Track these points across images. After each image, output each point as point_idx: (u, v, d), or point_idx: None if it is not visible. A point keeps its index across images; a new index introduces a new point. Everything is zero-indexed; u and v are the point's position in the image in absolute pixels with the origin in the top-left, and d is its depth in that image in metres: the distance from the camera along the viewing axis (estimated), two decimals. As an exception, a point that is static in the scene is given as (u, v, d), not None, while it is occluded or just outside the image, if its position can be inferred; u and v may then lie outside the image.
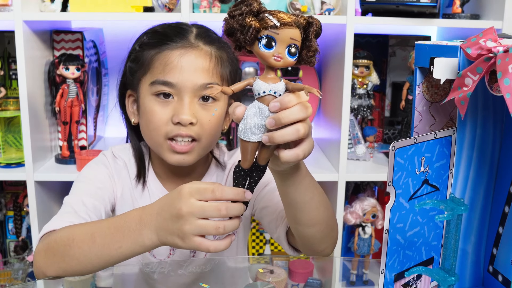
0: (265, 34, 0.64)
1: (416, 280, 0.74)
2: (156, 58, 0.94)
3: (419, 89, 0.76)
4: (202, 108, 0.94)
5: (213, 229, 0.71)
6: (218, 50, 0.96)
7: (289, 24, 0.64)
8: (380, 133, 1.86)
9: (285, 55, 0.65)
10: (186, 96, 0.92)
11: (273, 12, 0.65)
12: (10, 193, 1.77)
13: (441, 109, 0.77)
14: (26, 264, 1.65)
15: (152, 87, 0.94)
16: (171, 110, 0.93)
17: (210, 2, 1.51)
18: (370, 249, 1.56)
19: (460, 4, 1.59)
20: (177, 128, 0.92)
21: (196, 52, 0.93)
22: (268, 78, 0.67)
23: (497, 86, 0.63)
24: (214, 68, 0.94)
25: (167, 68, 0.92)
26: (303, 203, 0.83)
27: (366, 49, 1.71)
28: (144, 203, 1.02)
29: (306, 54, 0.67)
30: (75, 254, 0.80)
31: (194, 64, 0.92)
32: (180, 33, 0.95)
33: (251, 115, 0.67)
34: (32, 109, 1.47)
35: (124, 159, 1.04)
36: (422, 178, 0.70)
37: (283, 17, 0.64)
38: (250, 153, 0.69)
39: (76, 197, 0.96)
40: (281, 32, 0.64)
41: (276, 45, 0.64)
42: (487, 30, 0.65)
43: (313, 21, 0.67)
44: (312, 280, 1.22)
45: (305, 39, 0.66)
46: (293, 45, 0.65)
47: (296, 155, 0.69)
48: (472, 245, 0.78)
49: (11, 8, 1.46)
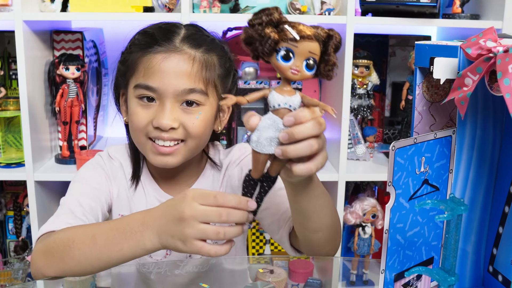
0: (284, 46, 0.63)
1: (416, 280, 0.74)
2: (140, 61, 0.93)
3: (419, 89, 0.76)
4: (185, 113, 0.92)
5: (213, 233, 0.71)
6: (205, 54, 0.93)
7: (308, 37, 0.63)
8: (380, 133, 1.86)
9: (303, 69, 0.64)
10: (168, 101, 0.91)
11: (293, 24, 0.64)
12: (10, 193, 1.77)
13: (441, 109, 0.77)
14: (26, 264, 1.65)
15: (136, 90, 0.93)
16: (152, 113, 0.92)
17: (210, 2, 1.51)
18: (370, 249, 1.56)
19: (460, 4, 1.59)
20: (157, 131, 0.92)
21: (179, 56, 0.91)
22: (284, 90, 0.66)
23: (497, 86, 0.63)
24: (198, 73, 0.92)
25: (149, 72, 0.91)
26: (312, 211, 0.83)
27: (366, 49, 1.71)
28: (140, 203, 1.02)
29: (324, 68, 0.66)
30: (75, 255, 0.80)
31: (176, 68, 0.91)
32: (167, 36, 0.93)
33: (265, 127, 0.66)
34: (32, 109, 1.47)
35: (119, 159, 1.04)
36: (422, 178, 0.70)
37: (303, 30, 0.63)
38: (261, 164, 0.69)
39: (72, 198, 0.96)
40: (300, 45, 0.63)
41: (294, 58, 0.64)
42: (487, 30, 0.65)
43: (333, 35, 0.65)
44: (312, 280, 1.22)
45: (324, 53, 0.65)
46: (312, 58, 0.64)
47: (309, 169, 0.68)
48: (472, 245, 0.78)
49: (11, 8, 1.46)
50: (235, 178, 1.04)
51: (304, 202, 0.81)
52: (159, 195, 1.03)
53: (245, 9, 1.55)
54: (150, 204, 1.02)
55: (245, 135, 1.68)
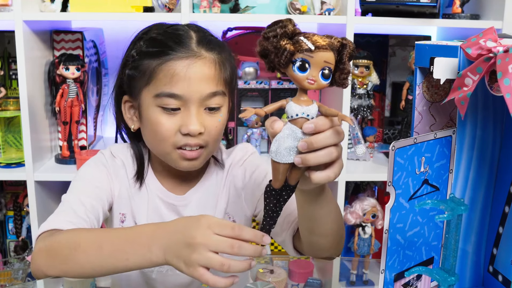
0: (299, 57, 0.64)
1: (416, 280, 0.74)
2: (160, 70, 0.91)
3: (419, 89, 0.76)
4: (209, 116, 0.93)
5: (218, 264, 0.71)
6: (219, 55, 0.94)
7: (323, 47, 0.64)
8: (380, 133, 1.86)
9: (319, 78, 0.65)
10: (193, 107, 0.91)
11: (307, 35, 0.65)
12: (10, 193, 1.77)
13: (441, 109, 0.77)
14: (26, 264, 1.65)
15: (157, 99, 0.91)
16: (179, 121, 0.91)
17: (210, 2, 1.51)
18: (370, 249, 1.56)
19: (460, 4, 1.59)
20: (185, 139, 0.92)
21: (201, 61, 0.91)
22: (301, 100, 0.67)
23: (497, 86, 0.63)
24: (218, 75, 0.93)
25: (174, 79, 0.90)
26: (320, 217, 0.84)
27: (366, 49, 1.71)
28: (142, 202, 1.02)
29: (339, 77, 0.67)
30: (79, 259, 0.80)
31: (200, 74, 0.91)
32: (180, 41, 0.92)
33: (283, 137, 0.67)
34: (32, 109, 1.47)
35: (122, 158, 1.04)
36: (422, 178, 0.70)
37: (317, 40, 0.64)
38: (282, 174, 0.69)
39: (74, 196, 0.96)
40: (316, 55, 0.64)
41: (310, 68, 0.65)
42: (487, 30, 0.65)
43: (346, 43, 0.67)
44: (312, 280, 1.22)
45: (338, 62, 0.66)
46: (327, 68, 0.65)
47: (328, 176, 0.69)
48: (472, 245, 0.78)
49: (11, 8, 1.46)
50: (239, 179, 1.04)
51: (314, 208, 0.82)
52: (162, 194, 1.02)
53: (245, 9, 1.55)
54: (152, 203, 1.02)
55: (245, 135, 1.68)
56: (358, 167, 1.62)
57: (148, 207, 1.02)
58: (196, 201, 1.03)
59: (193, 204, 1.02)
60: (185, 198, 1.02)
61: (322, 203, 0.81)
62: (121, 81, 0.99)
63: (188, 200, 1.03)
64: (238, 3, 1.57)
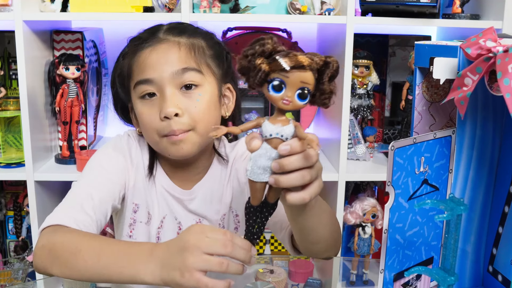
0: (275, 77, 0.62)
1: (415, 280, 0.74)
2: (133, 62, 0.96)
3: (419, 89, 0.76)
4: (185, 97, 0.94)
5: (217, 264, 0.71)
6: (189, 38, 0.96)
7: (300, 67, 0.62)
8: (380, 133, 1.86)
9: (295, 99, 0.63)
10: (167, 89, 0.93)
11: (288, 53, 0.63)
12: (10, 193, 1.77)
13: (441, 109, 0.77)
14: (26, 264, 1.65)
15: (136, 90, 0.95)
16: (157, 107, 0.94)
17: (210, 2, 1.51)
18: (370, 249, 1.55)
19: (460, 4, 1.59)
20: (168, 125, 0.92)
21: (165, 45, 0.95)
22: (277, 120, 0.66)
23: (497, 86, 0.63)
24: (187, 54, 0.95)
25: (142, 67, 0.94)
26: (310, 227, 0.84)
27: (366, 49, 1.71)
28: (151, 194, 1.03)
29: (320, 97, 0.65)
30: (78, 265, 0.80)
31: (165, 56, 0.94)
32: (152, 33, 0.97)
33: (258, 156, 0.67)
34: (32, 109, 1.47)
35: (139, 144, 1.05)
36: (421, 178, 0.70)
37: (294, 60, 0.62)
38: (259, 192, 0.69)
39: (84, 188, 0.96)
40: (291, 75, 0.62)
41: (286, 88, 0.63)
42: (486, 30, 0.65)
43: (330, 62, 0.64)
44: (312, 280, 1.22)
45: (318, 81, 0.64)
46: (304, 88, 0.63)
47: (302, 198, 0.69)
48: (472, 245, 0.78)
49: (11, 8, 1.46)
50: (242, 173, 1.05)
51: (303, 220, 0.82)
52: (170, 188, 1.03)
53: (245, 9, 1.55)
54: (160, 196, 1.03)
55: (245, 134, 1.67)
56: (358, 167, 1.62)
57: (158, 198, 1.03)
58: (202, 195, 1.03)
59: (199, 199, 1.03)
60: (191, 192, 1.03)
61: (308, 216, 0.81)
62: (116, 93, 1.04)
63: (194, 194, 1.03)
64: (238, 3, 1.57)
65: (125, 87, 0.99)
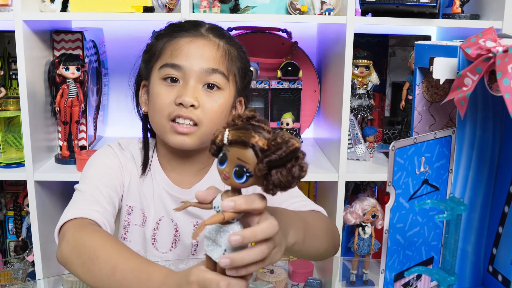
0: (223, 149, 0.61)
1: (416, 280, 0.74)
2: (167, 45, 0.99)
3: (419, 89, 0.76)
4: (206, 94, 0.97)
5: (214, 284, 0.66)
6: (227, 44, 1.00)
7: (239, 143, 0.58)
8: (380, 133, 1.86)
9: (231, 176, 0.60)
10: (191, 80, 0.96)
11: (258, 124, 0.60)
12: (10, 193, 1.77)
13: (441, 109, 0.77)
14: (26, 264, 1.65)
15: (161, 71, 0.98)
16: (176, 93, 0.96)
17: (210, 2, 1.51)
18: (370, 249, 1.56)
19: (460, 4, 1.59)
20: (178, 109, 0.95)
21: (205, 41, 0.98)
22: (228, 194, 0.63)
23: (497, 86, 0.63)
24: (221, 58, 0.98)
25: (176, 52, 0.97)
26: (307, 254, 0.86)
27: (366, 49, 1.71)
28: (148, 193, 1.04)
29: (262, 183, 0.59)
30: (93, 271, 0.80)
31: (201, 50, 0.97)
32: (194, 25, 1.01)
33: (210, 230, 0.64)
34: (32, 109, 1.47)
35: (131, 151, 1.06)
36: (422, 178, 0.70)
37: (237, 134, 0.59)
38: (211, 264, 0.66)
39: (91, 186, 0.97)
40: (231, 150, 0.60)
41: (226, 163, 0.60)
42: (486, 30, 0.65)
43: (280, 148, 0.57)
44: (312, 280, 1.22)
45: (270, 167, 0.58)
46: (242, 166, 0.59)
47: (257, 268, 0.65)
48: (472, 245, 0.78)
49: (11, 8, 1.46)
50: None
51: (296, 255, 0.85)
52: (168, 186, 1.04)
53: (245, 9, 1.55)
54: (158, 194, 1.04)
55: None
56: (358, 167, 1.62)
57: (155, 199, 1.04)
58: None
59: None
60: (191, 192, 1.03)
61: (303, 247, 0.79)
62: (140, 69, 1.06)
63: (193, 194, 1.03)
64: (238, 3, 1.57)
65: (149, 64, 1.02)
